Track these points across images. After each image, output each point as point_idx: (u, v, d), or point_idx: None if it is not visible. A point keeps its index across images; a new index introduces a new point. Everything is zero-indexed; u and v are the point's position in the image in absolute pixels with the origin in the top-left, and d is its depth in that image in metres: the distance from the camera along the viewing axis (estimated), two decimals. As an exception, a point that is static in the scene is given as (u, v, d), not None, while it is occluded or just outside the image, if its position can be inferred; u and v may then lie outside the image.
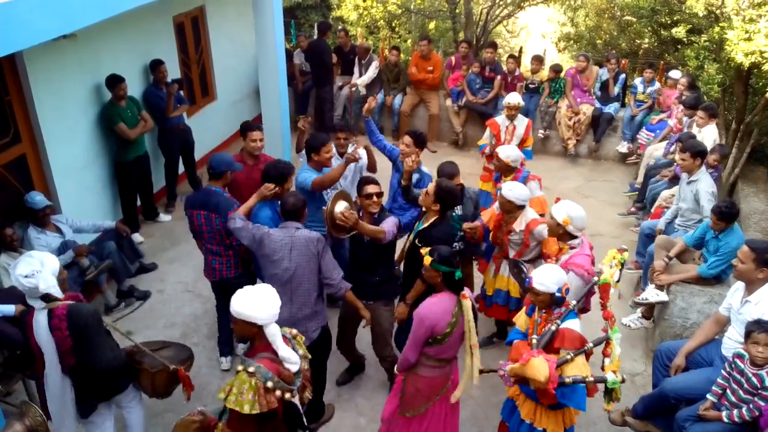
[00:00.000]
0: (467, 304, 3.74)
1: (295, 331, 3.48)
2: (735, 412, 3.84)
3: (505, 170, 5.80)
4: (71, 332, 3.64)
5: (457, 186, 5.12)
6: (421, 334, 3.75)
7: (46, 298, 3.60)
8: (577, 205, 4.40)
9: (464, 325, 3.75)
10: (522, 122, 7.06)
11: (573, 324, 3.66)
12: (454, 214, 5.23)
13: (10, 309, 4.27)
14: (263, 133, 5.77)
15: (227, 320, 4.42)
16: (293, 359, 3.22)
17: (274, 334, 3.19)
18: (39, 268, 3.57)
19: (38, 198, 5.53)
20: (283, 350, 3.19)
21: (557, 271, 3.72)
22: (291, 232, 4.37)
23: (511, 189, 4.89)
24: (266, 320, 3.17)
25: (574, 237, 4.37)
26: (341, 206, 4.42)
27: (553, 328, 3.66)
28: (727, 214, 5.23)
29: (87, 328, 3.68)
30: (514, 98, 7.00)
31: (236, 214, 4.59)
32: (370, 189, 4.61)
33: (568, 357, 3.54)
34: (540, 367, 3.39)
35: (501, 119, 7.12)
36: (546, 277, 3.67)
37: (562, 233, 4.37)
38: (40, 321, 3.62)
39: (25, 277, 3.53)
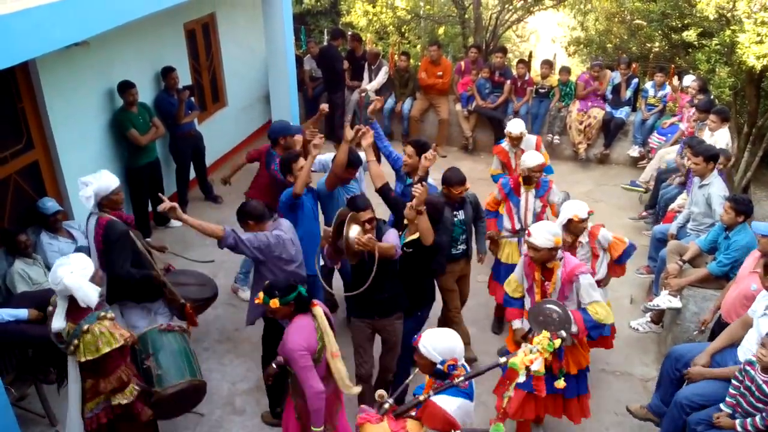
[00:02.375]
0: (319, 311, 3.69)
1: None
2: (749, 420, 3.79)
3: (529, 179, 5.65)
4: (102, 239, 4.53)
5: (460, 193, 5.11)
6: (307, 363, 3.64)
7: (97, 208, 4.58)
8: (545, 222, 4.31)
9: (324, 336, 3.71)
10: (529, 143, 6.59)
11: (446, 402, 3.07)
12: (455, 219, 5.21)
13: (23, 313, 4.37)
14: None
15: None
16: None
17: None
18: (90, 181, 4.52)
19: (50, 203, 5.57)
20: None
21: (446, 338, 3.17)
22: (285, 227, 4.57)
23: (541, 234, 4.17)
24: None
25: (558, 249, 4.21)
26: (355, 231, 4.22)
27: (422, 398, 3.14)
28: (741, 202, 5.21)
29: (111, 240, 4.52)
30: (515, 128, 6.47)
31: (229, 232, 4.35)
32: (363, 216, 4.35)
33: None
34: None
35: (507, 146, 6.66)
36: (429, 341, 3.15)
37: (555, 253, 4.18)
38: (90, 223, 4.65)
39: (85, 185, 4.49)
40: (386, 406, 3.20)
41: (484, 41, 12.37)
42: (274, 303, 3.65)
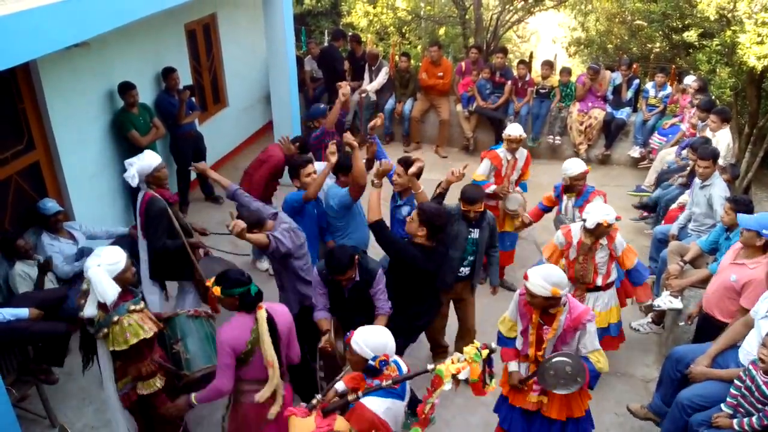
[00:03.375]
0: (262, 314, 3.64)
1: None
2: (746, 420, 3.79)
3: (570, 188, 5.72)
4: (143, 213, 5.01)
5: (477, 212, 4.99)
6: (225, 360, 3.60)
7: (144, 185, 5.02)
8: (546, 268, 3.78)
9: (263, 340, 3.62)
10: (522, 154, 6.53)
11: (375, 404, 3.09)
12: (468, 237, 5.08)
13: (24, 312, 4.42)
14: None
15: None
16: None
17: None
18: (134, 162, 4.98)
19: (50, 204, 5.57)
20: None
21: (377, 334, 3.24)
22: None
23: (537, 280, 3.79)
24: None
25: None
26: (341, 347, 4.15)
27: (351, 397, 3.17)
28: (741, 202, 5.23)
29: (150, 215, 4.98)
30: (515, 130, 6.34)
31: (272, 239, 4.49)
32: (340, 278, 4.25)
33: None
34: (298, 430, 3.06)
35: (502, 152, 6.44)
36: (361, 337, 3.20)
37: (555, 302, 3.78)
38: (139, 198, 5.10)
39: (130, 165, 4.96)
40: (314, 402, 3.22)
41: (485, 42, 12.37)
42: (216, 290, 3.64)
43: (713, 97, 8.08)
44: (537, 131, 9.60)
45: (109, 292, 3.62)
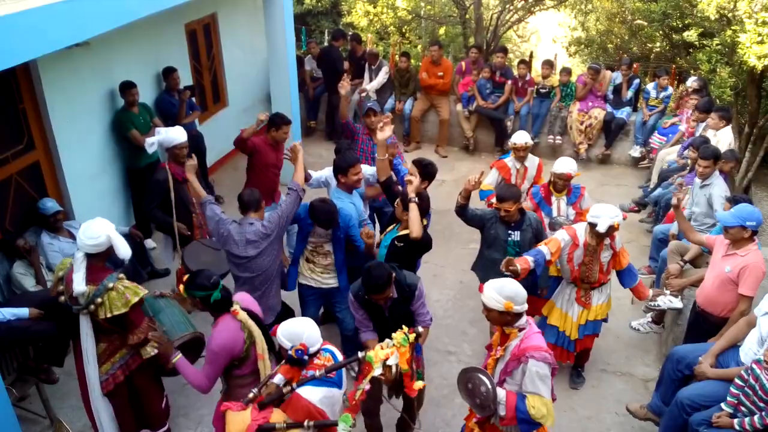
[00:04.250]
0: (244, 316, 3.68)
1: None
2: (747, 420, 3.79)
3: (563, 186, 5.69)
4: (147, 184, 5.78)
5: (508, 210, 4.91)
6: (218, 367, 3.65)
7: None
8: (504, 282, 3.54)
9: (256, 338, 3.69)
10: (533, 162, 6.43)
11: (311, 393, 3.16)
12: (509, 239, 5.03)
13: (24, 312, 4.44)
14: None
15: None
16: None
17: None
18: (160, 131, 5.64)
19: (49, 204, 5.57)
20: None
21: (293, 324, 3.30)
22: (245, 228, 4.60)
23: (490, 292, 3.54)
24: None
25: (520, 315, 3.53)
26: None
27: (286, 389, 3.20)
28: (741, 201, 5.24)
29: (150, 181, 5.69)
30: (520, 138, 6.26)
31: (208, 200, 4.88)
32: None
33: (278, 427, 3.07)
34: (234, 425, 3.08)
35: (511, 162, 6.36)
36: (280, 330, 3.27)
37: (510, 318, 3.50)
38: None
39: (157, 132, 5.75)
40: (250, 395, 3.22)
41: (485, 41, 12.39)
42: (180, 288, 3.71)
43: (713, 97, 8.10)
44: (537, 131, 9.60)
45: (128, 248, 4.01)
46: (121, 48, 6.74)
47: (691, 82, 8.70)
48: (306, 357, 3.19)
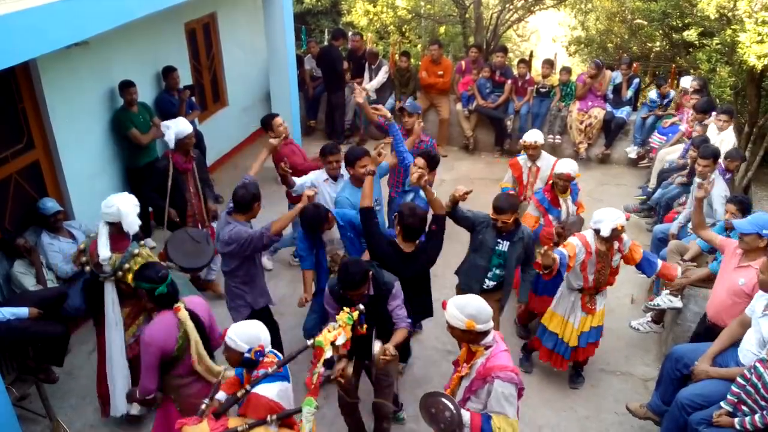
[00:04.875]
0: (184, 314, 3.68)
1: None
2: (747, 418, 3.79)
3: (564, 186, 5.65)
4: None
5: (505, 222, 4.69)
6: (151, 360, 3.65)
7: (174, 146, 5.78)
8: (467, 299, 3.45)
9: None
10: (547, 162, 6.32)
11: (267, 390, 3.15)
12: (496, 248, 4.85)
13: (24, 311, 4.46)
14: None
15: None
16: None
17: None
18: (170, 125, 5.73)
19: (50, 204, 5.57)
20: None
21: (248, 326, 3.33)
22: (229, 228, 4.56)
23: (453, 311, 3.47)
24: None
25: (486, 333, 3.43)
26: (377, 347, 3.99)
27: (240, 393, 3.18)
28: (746, 203, 5.27)
29: (154, 167, 6.07)
30: (530, 136, 6.27)
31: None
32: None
33: (241, 429, 3.05)
34: None
35: (523, 160, 6.41)
36: (233, 332, 3.27)
37: (474, 336, 3.42)
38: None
39: (167, 128, 5.75)
40: (203, 407, 3.21)
41: (485, 41, 12.39)
42: (130, 279, 3.79)
43: (713, 96, 8.09)
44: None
45: (136, 223, 4.42)
46: (120, 47, 6.74)
47: (688, 81, 8.70)
48: (262, 357, 3.23)
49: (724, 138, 7.06)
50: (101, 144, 6.67)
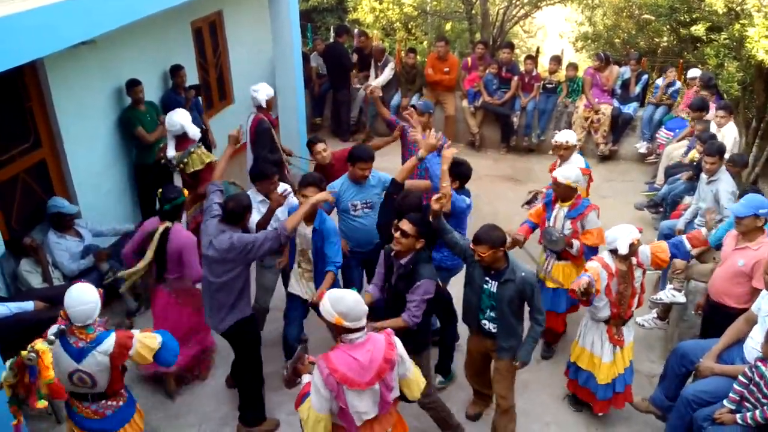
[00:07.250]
0: (160, 228, 4.84)
1: None
2: (749, 414, 3.80)
3: (565, 195, 5.22)
4: (254, 131, 6.99)
5: (481, 255, 4.15)
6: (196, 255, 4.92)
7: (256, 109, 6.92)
8: (340, 293, 3.38)
9: None
10: (576, 163, 5.92)
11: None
12: (485, 286, 4.35)
13: (29, 305, 4.58)
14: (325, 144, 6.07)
15: None
16: None
17: None
18: (259, 89, 6.85)
19: (68, 204, 5.64)
20: None
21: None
22: (227, 235, 4.35)
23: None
24: None
25: (351, 330, 3.33)
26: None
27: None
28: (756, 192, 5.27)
29: (257, 132, 6.91)
30: (561, 136, 6.00)
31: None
32: (402, 225, 4.12)
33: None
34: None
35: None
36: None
37: (342, 331, 3.34)
38: (248, 120, 7.01)
39: (255, 91, 6.86)
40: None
41: (491, 37, 12.37)
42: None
43: (721, 91, 8.04)
44: (543, 127, 9.58)
45: (197, 131, 6.38)
46: (127, 46, 6.77)
47: (692, 73, 8.65)
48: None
49: (724, 134, 7.03)
50: (108, 143, 6.71)
